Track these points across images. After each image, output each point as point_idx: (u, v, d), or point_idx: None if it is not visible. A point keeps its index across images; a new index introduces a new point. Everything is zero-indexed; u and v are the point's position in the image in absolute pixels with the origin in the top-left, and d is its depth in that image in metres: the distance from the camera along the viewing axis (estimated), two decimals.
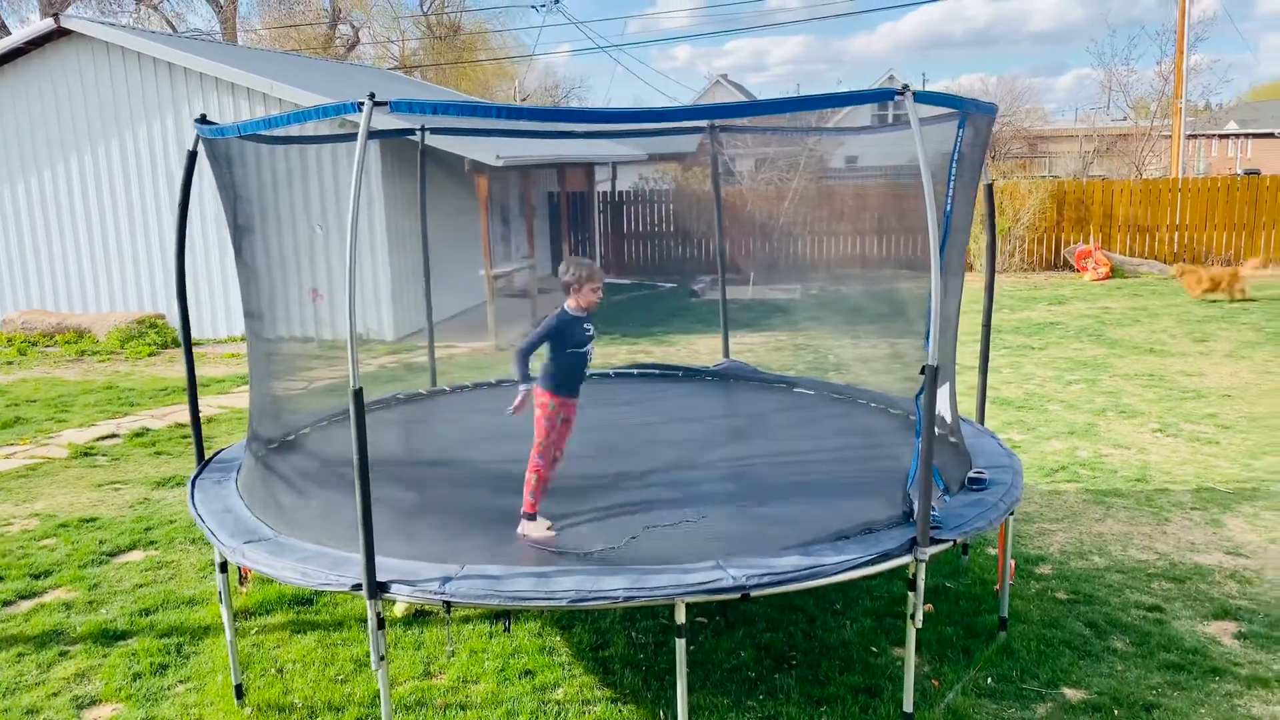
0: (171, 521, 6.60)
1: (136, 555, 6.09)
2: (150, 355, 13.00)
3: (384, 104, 3.36)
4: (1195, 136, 36.15)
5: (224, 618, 4.44)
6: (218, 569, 4.44)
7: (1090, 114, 38.69)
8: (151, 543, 6.27)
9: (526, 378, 4.22)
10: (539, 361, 4.28)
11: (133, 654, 4.79)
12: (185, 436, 8.77)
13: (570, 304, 4.22)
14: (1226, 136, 44.36)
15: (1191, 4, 23.03)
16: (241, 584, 5.38)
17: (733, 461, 5.19)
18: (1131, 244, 19.11)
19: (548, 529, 4.21)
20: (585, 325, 4.24)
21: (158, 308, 14.39)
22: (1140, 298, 15.76)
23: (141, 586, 5.60)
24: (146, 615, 5.23)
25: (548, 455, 4.26)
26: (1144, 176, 26.40)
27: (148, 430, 9.05)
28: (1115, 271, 18.25)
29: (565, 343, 4.20)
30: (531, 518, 4.21)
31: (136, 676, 4.59)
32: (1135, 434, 8.16)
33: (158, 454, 8.31)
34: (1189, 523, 6.21)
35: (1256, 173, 27.63)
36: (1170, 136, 25.42)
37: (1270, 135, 40.24)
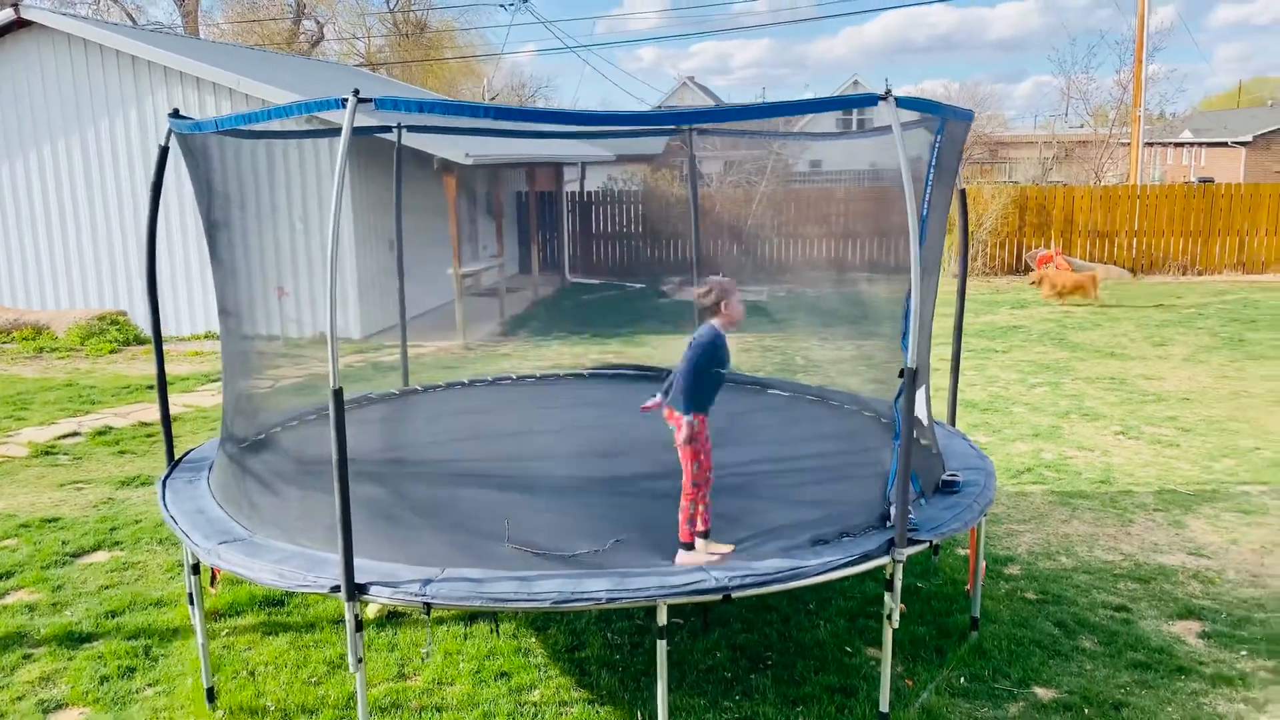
0: (137, 522, 6.49)
1: (101, 556, 5.99)
2: (111, 352, 12.77)
3: (368, 101, 3.33)
4: (1151, 144, 36.80)
5: (195, 620, 4.38)
6: (188, 570, 4.38)
7: (1050, 121, 39.31)
8: (117, 543, 6.16)
9: (669, 393, 4.04)
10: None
11: (99, 657, 4.71)
12: (149, 435, 8.63)
13: (718, 322, 4.05)
14: (1181, 145, 45.18)
15: (1149, 14, 23.46)
16: (211, 585, 5.30)
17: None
18: (1091, 249, 19.42)
19: (713, 551, 3.95)
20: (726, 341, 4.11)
21: (119, 304, 14.14)
22: (1100, 301, 15.99)
23: (107, 588, 5.50)
24: (113, 617, 5.14)
25: (705, 479, 4.05)
26: (1102, 183, 26.85)
27: (110, 429, 8.90)
28: None
29: (716, 362, 4.04)
30: (689, 546, 3.97)
31: (104, 680, 4.51)
32: (1098, 436, 8.29)
33: (121, 453, 8.17)
34: (1152, 524, 6.33)
35: (1210, 181, 28.20)
36: (1128, 144, 25.86)
37: (1223, 144, 41.07)
